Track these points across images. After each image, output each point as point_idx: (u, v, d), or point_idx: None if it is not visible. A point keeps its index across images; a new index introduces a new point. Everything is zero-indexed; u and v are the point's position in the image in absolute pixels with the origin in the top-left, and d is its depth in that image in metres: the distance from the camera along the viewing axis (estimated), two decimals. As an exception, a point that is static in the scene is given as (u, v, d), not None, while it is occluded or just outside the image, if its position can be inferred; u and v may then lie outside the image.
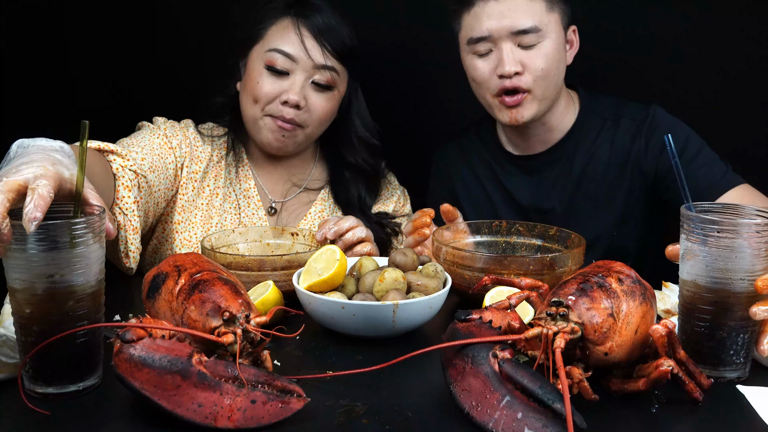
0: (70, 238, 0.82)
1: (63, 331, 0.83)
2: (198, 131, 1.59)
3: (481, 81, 1.50)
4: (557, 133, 1.60)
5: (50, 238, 0.81)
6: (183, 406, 0.78)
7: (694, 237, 0.92)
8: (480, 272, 1.18)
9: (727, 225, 0.90)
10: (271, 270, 1.21)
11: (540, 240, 1.37)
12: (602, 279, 0.89)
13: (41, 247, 0.81)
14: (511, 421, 0.76)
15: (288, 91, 1.47)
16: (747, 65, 1.78)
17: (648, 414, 0.85)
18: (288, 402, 0.81)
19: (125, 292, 1.36)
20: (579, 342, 0.84)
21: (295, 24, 1.48)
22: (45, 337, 0.82)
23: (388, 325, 1.04)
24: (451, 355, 0.84)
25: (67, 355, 0.85)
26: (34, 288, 0.82)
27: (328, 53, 1.48)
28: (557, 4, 1.48)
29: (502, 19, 1.43)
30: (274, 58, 1.47)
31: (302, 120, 1.50)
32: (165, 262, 1.01)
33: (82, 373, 0.87)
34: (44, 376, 0.85)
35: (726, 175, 1.47)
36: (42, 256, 0.81)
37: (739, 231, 0.89)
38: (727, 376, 0.94)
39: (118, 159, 1.35)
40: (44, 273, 0.82)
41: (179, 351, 0.80)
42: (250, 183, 1.62)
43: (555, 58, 1.47)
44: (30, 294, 0.83)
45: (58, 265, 0.82)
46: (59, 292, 0.83)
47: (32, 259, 0.82)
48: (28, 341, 0.84)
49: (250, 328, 0.88)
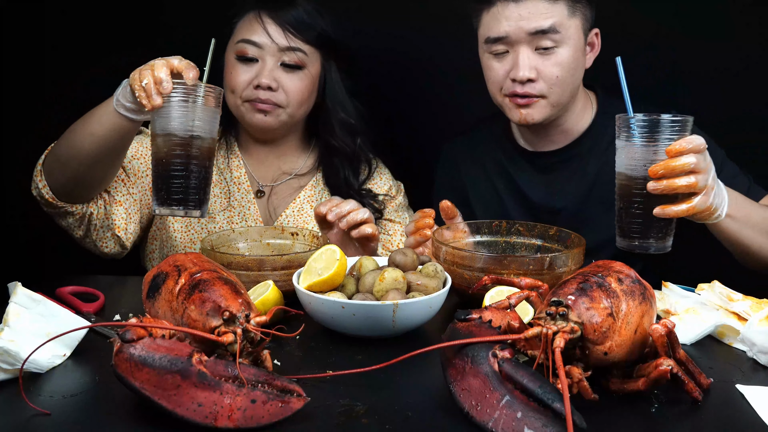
0: (203, 95, 1.20)
1: (189, 167, 1.20)
2: None
3: (495, 81, 1.50)
4: (573, 133, 1.59)
5: (190, 95, 1.19)
6: (183, 405, 0.78)
7: (622, 136, 1.15)
8: (480, 272, 1.18)
9: (640, 127, 1.13)
10: (271, 270, 1.21)
11: (540, 240, 1.37)
12: (602, 279, 0.89)
13: (188, 101, 1.20)
14: (510, 421, 0.76)
15: (259, 76, 1.55)
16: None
17: (648, 414, 0.85)
18: (288, 402, 0.81)
19: (125, 292, 1.36)
20: (578, 342, 0.85)
21: (257, 13, 1.57)
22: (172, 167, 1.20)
23: (388, 325, 1.04)
24: (451, 355, 0.84)
25: (194, 182, 1.21)
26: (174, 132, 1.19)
27: (291, 35, 1.56)
28: (579, 9, 1.46)
29: (520, 21, 1.42)
30: (242, 47, 1.56)
31: (279, 101, 1.56)
32: (165, 262, 1.01)
33: (201, 201, 1.23)
34: (173, 200, 1.20)
35: (750, 190, 1.47)
36: (187, 108, 1.19)
37: (646, 133, 1.13)
38: (651, 248, 1.16)
39: None
40: (181, 119, 1.19)
41: (179, 351, 0.80)
42: (241, 171, 1.67)
43: (571, 66, 1.46)
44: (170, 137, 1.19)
45: (194, 114, 1.20)
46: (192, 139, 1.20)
47: (173, 108, 1.19)
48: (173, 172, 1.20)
49: (250, 328, 0.88)
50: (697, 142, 1.10)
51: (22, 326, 0.94)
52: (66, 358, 0.97)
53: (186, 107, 1.19)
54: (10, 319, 0.94)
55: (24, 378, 0.89)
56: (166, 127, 1.19)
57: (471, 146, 1.72)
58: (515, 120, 1.51)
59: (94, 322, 1.14)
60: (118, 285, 1.40)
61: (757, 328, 1.02)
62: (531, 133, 1.61)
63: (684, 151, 1.09)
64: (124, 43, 2.04)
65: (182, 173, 1.20)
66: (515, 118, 1.50)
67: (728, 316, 1.11)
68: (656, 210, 1.12)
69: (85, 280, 1.30)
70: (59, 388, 0.89)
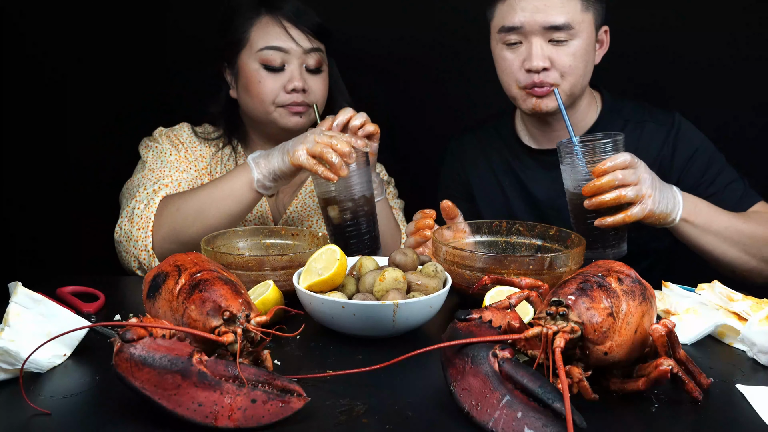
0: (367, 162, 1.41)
1: (358, 220, 1.40)
2: (194, 131, 1.67)
3: (509, 72, 1.50)
4: (577, 131, 1.60)
5: (364, 160, 1.40)
6: (183, 405, 0.78)
7: (566, 160, 1.30)
8: (480, 272, 1.18)
9: (579, 150, 1.28)
10: (271, 270, 1.21)
11: (540, 240, 1.37)
12: (602, 279, 0.89)
13: (360, 167, 1.38)
14: (511, 421, 0.76)
15: (290, 81, 1.55)
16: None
17: (648, 414, 0.85)
18: (288, 401, 0.81)
19: (125, 292, 1.36)
20: (579, 341, 0.85)
21: (275, 18, 1.56)
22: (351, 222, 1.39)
23: (388, 325, 1.04)
24: (451, 355, 0.84)
25: (368, 236, 1.41)
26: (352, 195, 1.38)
27: (311, 36, 1.57)
28: (592, 4, 1.47)
29: (535, 13, 1.43)
30: (268, 55, 1.55)
31: (310, 101, 1.59)
32: (165, 262, 1.01)
33: (376, 246, 1.43)
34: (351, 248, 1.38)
35: (743, 197, 1.50)
36: (359, 173, 1.38)
37: (570, 157, 1.29)
38: (609, 255, 1.29)
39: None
40: (360, 185, 1.38)
41: (179, 350, 0.80)
42: None
43: (583, 58, 1.47)
44: (348, 200, 1.38)
45: (367, 178, 1.40)
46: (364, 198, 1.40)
47: (353, 176, 1.37)
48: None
49: (250, 328, 0.88)
50: (621, 159, 1.24)
51: (22, 326, 0.94)
52: (66, 358, 0.97)
53: (363, 172, 1.39)
54: (10, 319, 0.94)
55: (24, 378, 0.89)
56: (350, 192, 1.38)
57: (477, 142, 1.73)
58: (527, 109, 1.51)
59: (94, 322, 1.14)
60: (118, 285, 1.40)
61: (757, 328, 1.02)
62: (537, 129, 1.61)
63: (609, 170, 1.24)
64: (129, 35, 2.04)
65: (358, 230, 1.40)
66: (528, 107, 1.50)
67: (728, 316, 1.11)
68: (596, 221, 1.27)
69: (85, 280, 1.30)
70: (59, 388, 0.89)
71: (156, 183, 1.52)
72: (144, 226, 1.45)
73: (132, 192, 1.53)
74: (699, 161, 1.53)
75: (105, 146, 2.11)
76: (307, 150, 1.34)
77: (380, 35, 2.01)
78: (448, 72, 2.05)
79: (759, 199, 1.51)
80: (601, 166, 1.24)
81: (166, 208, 1.44)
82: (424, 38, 2.02)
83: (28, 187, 2.18)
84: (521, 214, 1.63)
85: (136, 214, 1.46)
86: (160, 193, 1.50)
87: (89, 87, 2.10)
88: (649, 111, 1.61)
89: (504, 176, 1.67)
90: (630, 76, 1.87)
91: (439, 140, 1.83)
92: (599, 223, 1.27)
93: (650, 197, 1.26)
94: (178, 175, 1.57)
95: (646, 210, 1.26)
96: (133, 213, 1.46)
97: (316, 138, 1.34)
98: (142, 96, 2.04)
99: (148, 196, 1.49)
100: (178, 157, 1.60)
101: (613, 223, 1.26)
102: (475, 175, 1.71)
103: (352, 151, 1.32)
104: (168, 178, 1.55)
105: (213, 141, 1.66)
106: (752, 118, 1.90)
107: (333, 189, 1.38)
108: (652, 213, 1.27)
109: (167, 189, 1.52)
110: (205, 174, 1.63)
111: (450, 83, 2.05)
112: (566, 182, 1.32)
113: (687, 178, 1.53)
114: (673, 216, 1.32)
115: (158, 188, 1.51)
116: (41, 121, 2.14)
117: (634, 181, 1.25)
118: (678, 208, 1.32)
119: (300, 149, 1.34)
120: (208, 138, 1.67)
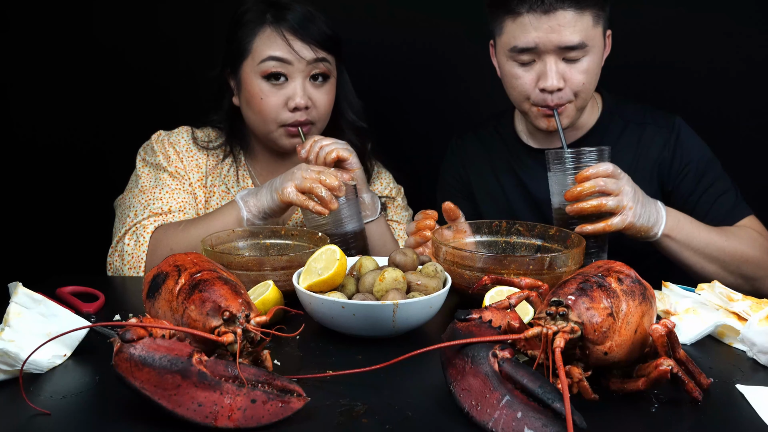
0: (356, 194, 1.44)
1: (350, 252, 1.39)
2: (194, 137, 1.65)
3: (521, 90, 1.48)
4: (579, 131, 1.60)
5: (353, 193, 1.43)
6: (183, 405, 0.78)
7: (554, 168, 1.34)
8: (480, 272, 1.18)
9: (567, 159, 1.32)
10: (271, 270, 1.21)
11: (540, 240, 1.37)
12: (602, 279, 0.89)
13: (349, 200, 1.41)
14: (510, 421, 0.76)
15: (293, 97, 1.53)
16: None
17: (648, 414, 0.85)
18: (288, 401, 0.81)
19: (125, 292, 1.37)
20: (579, 341, 0.85)
21: (278, 29, 1.53)
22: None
23: (388, 325, 1.04)
24: (451, 355, 0.84)
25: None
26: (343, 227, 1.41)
27: (315, 47, 1.54)
28: (602, 15, 1.45)
29: (550, 33, 1.40)
30: (268, 66, 1.53)
31: (312, 117, 1.57)
32: (165, 262, 1.01)
33: None
34: None
35: (733, 210, 1.50)
36: (349, 205, 1.41)
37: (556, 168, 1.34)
38: (591, 258, 1.32)
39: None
40: (350, 217, 1.41)
41: (179, 350, 0.80)
42: (248, 182, 1.66)
43: (595, 72, 1.47)
44: (334, 232, 1.41)
45: (356, 210, 1.44)
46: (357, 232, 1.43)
47: (343, 209, 1.39)
48: None
49: (250, 328, 0.88)
50: (604, 168, 1.27)
51: (22, 326, 0.94)
52: (66, 358, 0.97)
53: (352, 204, 1.41)
54: (10, 319, 0.94)
55: (24, 378, 0.89)
56: (341, 225, 1.40)
57: (478, 142, 1.73)
58: (542, 127, 1.50)
59: (94, 322, 1.14)
60: (118, 285, 1.40)
61: (757, 328, 1.02)
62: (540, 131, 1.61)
63: (591, 176, 1.27)
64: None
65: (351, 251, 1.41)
66: (542, 126, 1.50)
67: (728, 316, 1.11)
68: (576, 228, 1.30)
69: (85, 280, 1.30)
70: (59, 388, 0.89)
71: (146, 208, 1.51)
72: (135, 265, 1.45)
73: (123, 213, 1.53)
74: (695, 169, 1.53)
75: (106, 146, 2.11)
76: (296, 186, 1.35)
77: (380, 35, 2.01)
78: (448, 72, 2.05)
79: (749, 213, 1.50)
80: (584, 173, 1.28)
81: (159, 247, 1.44)
82: (425, 38, 2.02)
83: (28, 187, 2.18)
84: (522, 213, 1.63)
85: (126, 252, 1.46)
86: (149, 228, 1.48)
87: (90, 86, 2.11)
88: (651, 113, 1.60)
89: (504, 176, 1.67)
90: (628, 81, 1.87)
91: (439, 140, 1.83)
92: (579, 231, 1.29)
93: (631, 209, 1.28)
94: (168, 197, 1.55)
95: (626, 221, 1.28)
96: (123, 251, 1.46)
97: (303, 174, 1.36)
98: (146, 95, 2.04)
99: (137, 230, 1.48)
100: (171, 173, 1.58)
101: (593, 231, 1.28)
102: (475, 175, 1.71)
103: (341, 185, 1.35)
104: (158, 202, 1.53)
105: (213, 151, 1.65)
106: (751, 123, 1.90)
107: (324, 222, 1.40)
108: (632, 225, 1.29)
109: (157, 218, 1.50)
110: (200, 186, 1.61)
111: (450, 83, 2.05)
112: (552, 189, 1.36)
113: (682, 185, 1.54)
114: (655, 230, 1.34)
115: (148, 217, 1.50)
116: (41, 121, 2.14)
117: (616, 191, 1.27)
118: (660, 223, 1.34)
119: (288, 186, 1.35)
120: (209, 147, 1.65)
